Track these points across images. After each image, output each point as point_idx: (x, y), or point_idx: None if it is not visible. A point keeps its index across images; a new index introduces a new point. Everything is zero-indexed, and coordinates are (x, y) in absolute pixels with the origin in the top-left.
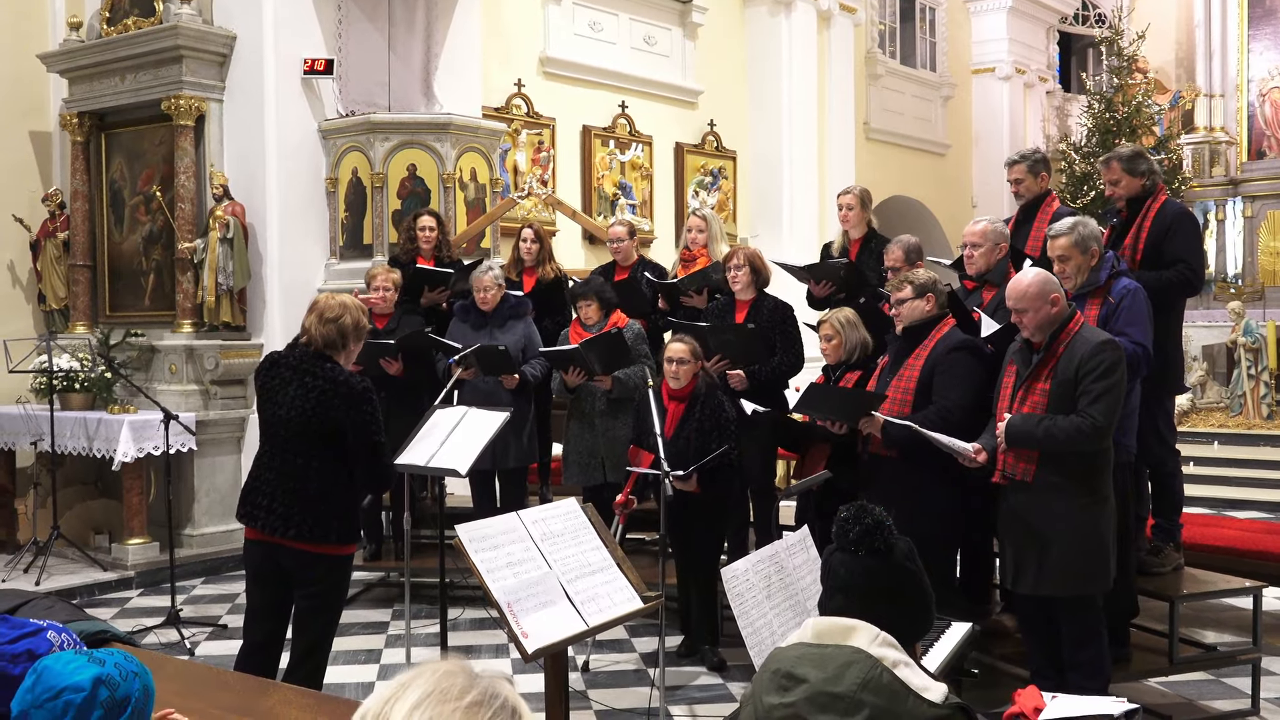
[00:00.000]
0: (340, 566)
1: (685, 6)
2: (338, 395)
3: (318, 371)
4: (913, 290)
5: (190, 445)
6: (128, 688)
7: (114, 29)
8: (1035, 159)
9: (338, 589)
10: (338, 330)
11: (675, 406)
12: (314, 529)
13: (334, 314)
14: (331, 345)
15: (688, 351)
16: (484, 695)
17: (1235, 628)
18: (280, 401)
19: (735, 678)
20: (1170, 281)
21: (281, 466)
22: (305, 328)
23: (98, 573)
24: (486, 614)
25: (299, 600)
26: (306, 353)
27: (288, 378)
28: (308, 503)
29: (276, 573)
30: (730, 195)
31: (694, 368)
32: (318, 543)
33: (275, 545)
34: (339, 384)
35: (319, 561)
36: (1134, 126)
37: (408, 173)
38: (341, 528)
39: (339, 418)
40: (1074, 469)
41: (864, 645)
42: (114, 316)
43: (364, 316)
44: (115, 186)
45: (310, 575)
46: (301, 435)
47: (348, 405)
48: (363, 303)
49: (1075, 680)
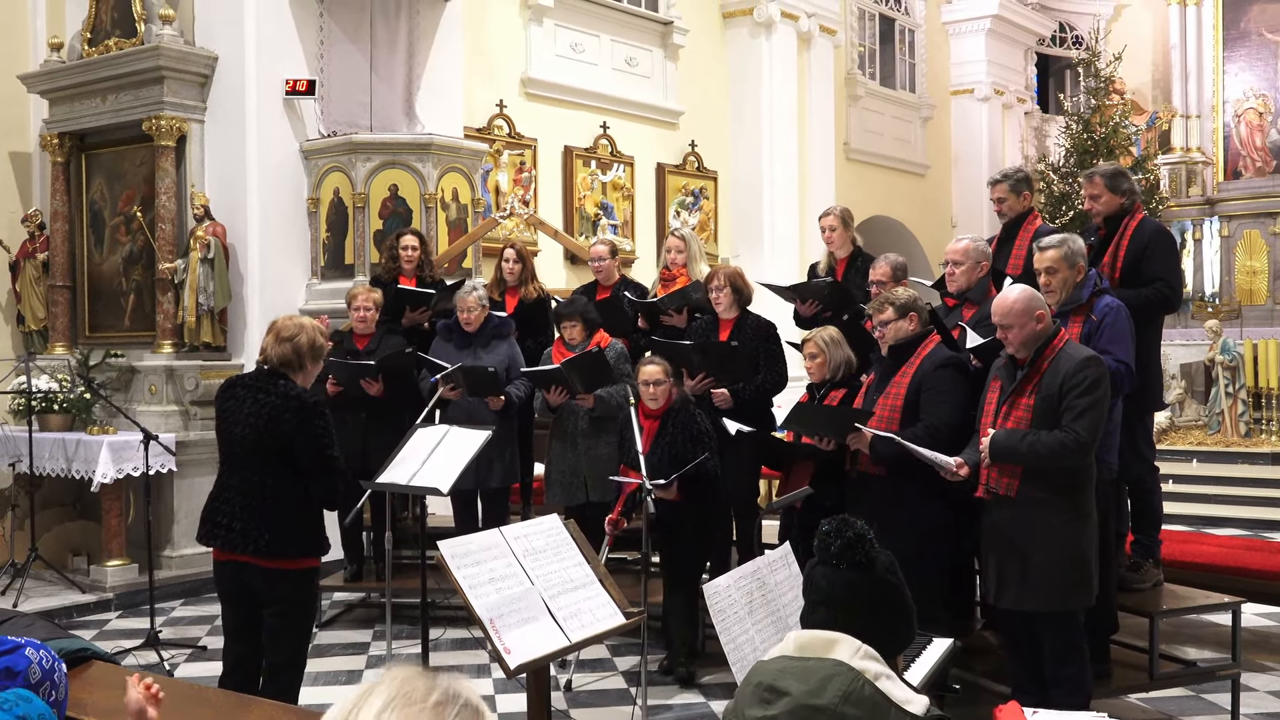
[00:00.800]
0: (304, 581)
1: (666, 28)
2: (289, 410)
3: (270, 389)
4: (894, 311)
5: (170, 466)
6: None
7: (95, 50)
8: (1018, 178)
9: (305, 604)
10: (293, 349)
11: (650, 424)
12: (272, 544)
13: (290, 333)
14: (288, 364)
15: (661, 372)
16: (446, 695)
17: (1214, 644)
18: (236, 420)
19: (716, 696)
20: (1149, 299)
21: (240, 484)
22: (263, 348)
23: (76, 595)
24: (468, 634)
25: (267, 618)
26: (262, 372)
27: (242, 396)
28: (266, 518)
29: (245, 592)
30: (711, 215)
31: (669, 387)
32: (277, 558)
33: (240, 564)
34: (290, 399)
35: (283, 577)
36: (1111, 147)
37: (389, 193)
38: (302, 542)
39: (290, 433)
40: (1057, 484)
41: (846, 658)
42: (93, 337)
43: (321, 337)
44: (95, 207)
45: (275, 592)
46: (256, 452)
47: (298, 421)
48: (323, 323)
49: (1057, 696)
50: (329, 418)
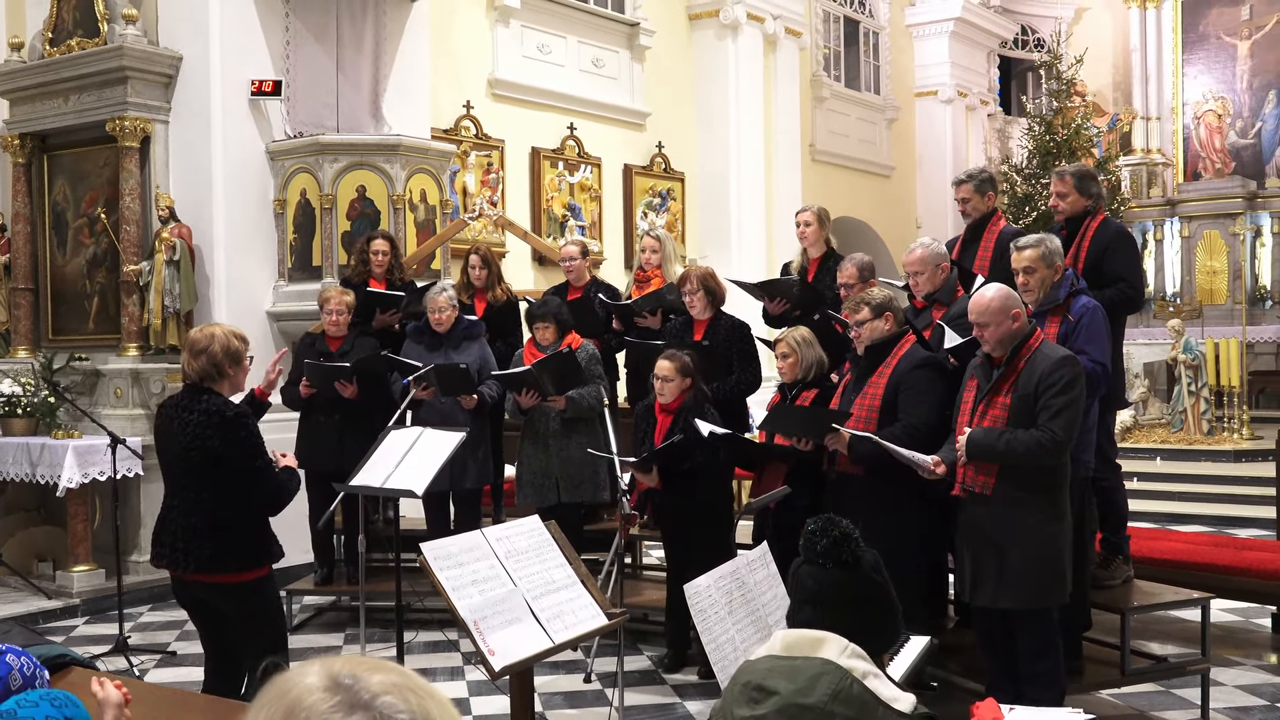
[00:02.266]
0: (254, 592)
1: (632, 29)
2: (210, 425)
3: (193, 405)
4: (870, 311)
5: (137, 470)
6: None
7: (57, 50)
8: (982, 178)
9: (261, 613)
10: (209, 359)
11: (664, 419)
12: (212, 560)
13: (202, 345)
14: (208, 377)
15: (672, 369)
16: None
17: (1182, 639)
18: (166, 441)
19: (691, 696)
20: (1112, 300)
21: (179, 504)
22: (181, 366)
23: (42, 601)
24: (442, 636)
25: (231, 633)
26: (186, 390)
27: (170, 415)
28: (205, 535)
29: (203, 607)
30: (679, 216)
31: (680, 384)
32: (219, 573)
33: (189, 582)
34: (211, 414)
35: (230, 592)
36: (1074, 148)
37: (357, 194)
38: (243, 555)
39: (214, 447)
40: (1033, 483)
41: (833, 657)
42: (57, 340)
43: (236, 341)
44: (58, 209)
45: (227, 607)
46: (187, 469)
47: (221, 434)
48: (235, 330)
49: (1031, 692)
50: (253, 426)
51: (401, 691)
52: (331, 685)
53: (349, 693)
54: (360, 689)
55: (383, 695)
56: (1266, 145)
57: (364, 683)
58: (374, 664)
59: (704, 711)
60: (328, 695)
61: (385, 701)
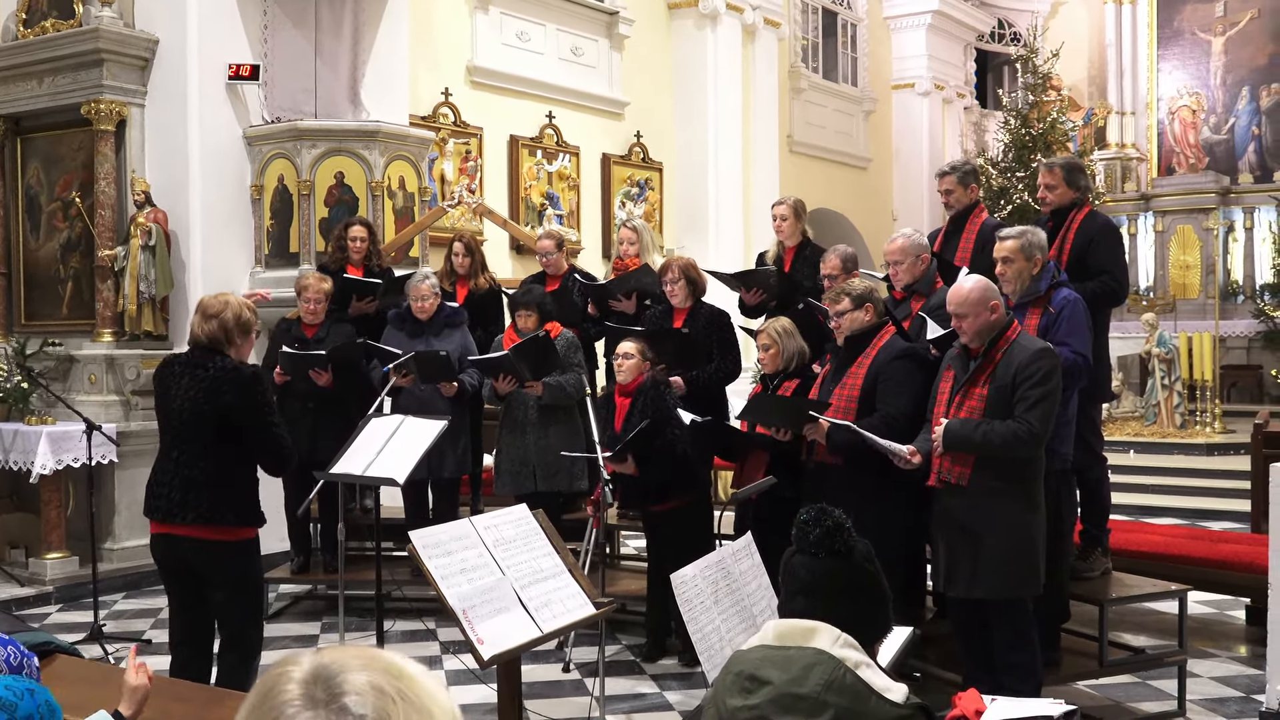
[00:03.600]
0: (244, 551)
1: (612, 18)
2: (226, 382)
3: (207, 364)
4: (850, 301)
5: (111, 457)
6: (28, 706)
7: (31, 31)
8: (965, 170)
9: (247, 575)
10: (219, 325)
11: (623, 402)
12: (210, 511)
13: (215, 310)
14: (217, 341)
15: (635, 348)
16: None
17: (1160, 631)
18: (174, 395)
19: (671, 687)
20: (1095, 293)
21: (178, 456)
22: (191, 327)
23: (15, 588)
24: (420, 625)
25: (213, 594)
26: (196, 350)
27: (179, 372)
28: (202, 487)
29: (187, 571)
30: (657, 206)
31: (639, 364)
32: (215, 524)
33: (178, 538)
34: (228, 371)
35: (221, 549)
36: (1049, 142)
37: (335, 180)
38: (240, 510)
39: (229, 403)
40: (1009, 474)
41: (826, 646)
42: (30, 325)
43: (248, 312)
44: (31, 192)
45: (215, 564)
46: (195, 423)
47: (236, 390)
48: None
49: (1008, 683)
50: (267, 386)
51: (372, 695)
52: (310, 678)
53: (323, 688)
54: (334, 685)
55: (351, 695)
56: (1239, 141)
57: (339, 681)
58: (369, 661)
59: (684, 701)
60: (299, 688)
61: (350, 701)
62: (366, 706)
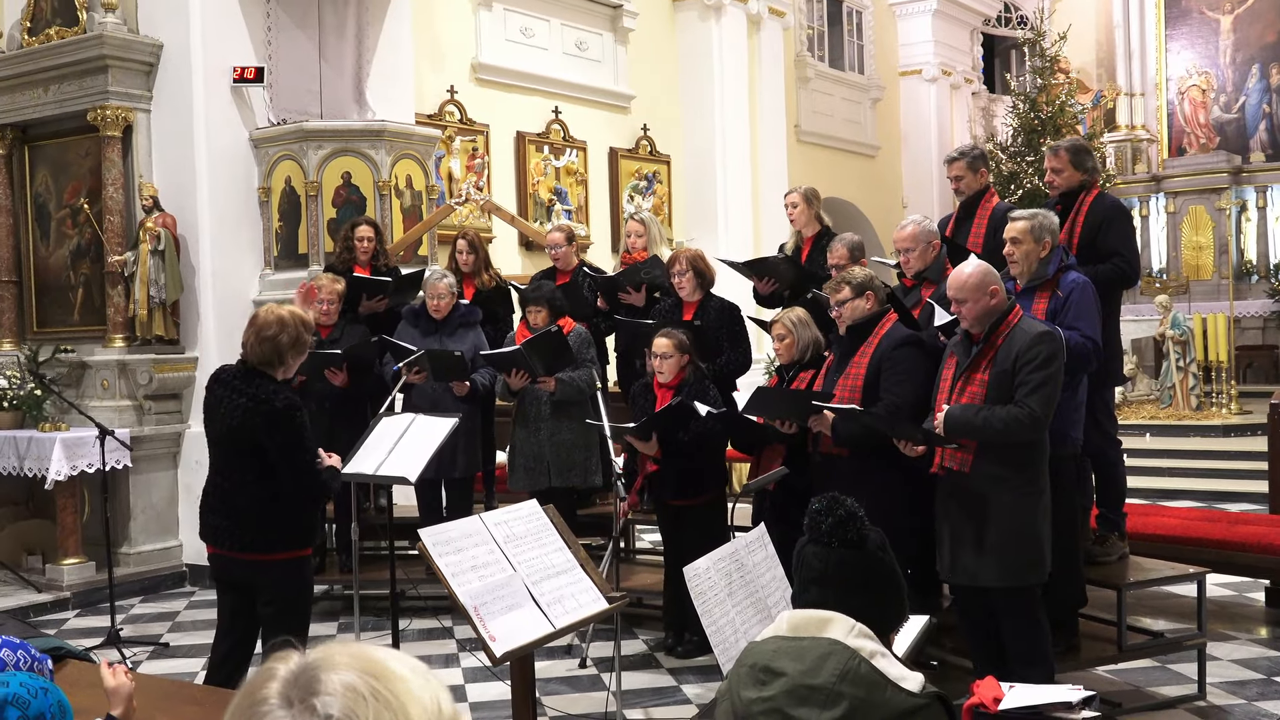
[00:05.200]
0: (293, 570)
1: (616, 11)
2: (259, 414)
3: (246, 390)
4: (851, 290)
5: (125, 462)
6: (40, 704)
7: (35, 39)
8: (974, 155)
9: (297, 593)
10: (274, 348)
11: (665, 394)
12: (256, 539)
13: (271, 332)
14: (267, 363)
15: (670, 346)
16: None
17: (1178, 615)
18: (216, 417)
19: (689, 681)
20: (1107, 275)
21: (223, 481)
22: (243, 340)
23: (32, 594)
24: (437, 623)
25: (261, 609)
26: (241, 369)
27: (221, 395)
28: (245, 515)
29: (237, 583)
30: (665, 199)
31: (679, 360)
32: (261, 552)
33: (230, 559)
34: (260, 403)
35: (270, 568)
36: (1058, 126)
37: (342, 181)
38: (283, 537)
39: (261, 437)
40: (1011, 460)
41: (840, 637)
42: (42, 333)
43: (304, 330)
44: (40, 200)
45: (263, 581)
46: (234, 449)
47: (267, 425)
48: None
49: (1018, 670)
50: (300, 420)
51: (343, 694)
52: (291, 677)
53: (300, 687)
54: (311, 685)
55: (323, 695)
56: (1250, 120)
57: (316, 680)
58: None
59: (702, 694)
60: (279, 686)
61: (319, 701)
62: (334, 706)
